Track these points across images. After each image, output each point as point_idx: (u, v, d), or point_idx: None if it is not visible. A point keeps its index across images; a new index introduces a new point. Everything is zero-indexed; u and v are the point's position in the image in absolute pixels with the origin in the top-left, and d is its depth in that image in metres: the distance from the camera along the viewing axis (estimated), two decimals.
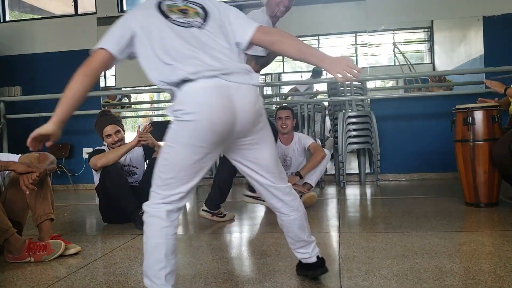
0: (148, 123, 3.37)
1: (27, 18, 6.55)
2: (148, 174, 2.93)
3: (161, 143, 3.22)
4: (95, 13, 5.83)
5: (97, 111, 5.64)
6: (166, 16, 1.52)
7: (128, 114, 7.06)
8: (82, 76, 1.48)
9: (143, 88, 6.50)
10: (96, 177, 3.27)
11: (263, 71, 3.05)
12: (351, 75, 1.48)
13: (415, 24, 6.37)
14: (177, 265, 1.66)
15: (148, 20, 1.51)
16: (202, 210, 3.16)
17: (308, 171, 3.61)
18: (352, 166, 5.54)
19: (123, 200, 3.04)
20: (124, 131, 3.37)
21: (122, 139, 3.27)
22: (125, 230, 3.04)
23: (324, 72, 8.76)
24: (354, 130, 4.66)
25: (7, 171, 2.45)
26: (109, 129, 3.23)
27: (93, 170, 3.27)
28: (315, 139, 4.10)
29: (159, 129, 4.63)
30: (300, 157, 3.82)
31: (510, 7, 4.95)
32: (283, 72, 8.76)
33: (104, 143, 3.36)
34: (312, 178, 3.63)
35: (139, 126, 3.34)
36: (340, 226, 2.89)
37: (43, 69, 5.82)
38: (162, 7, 1.54)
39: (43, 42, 5.85)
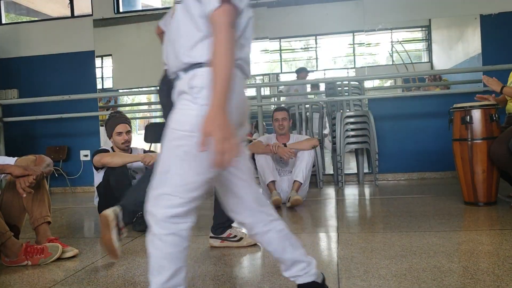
0: (146, 125, 3.40)
1: (23, 20, 6.53)
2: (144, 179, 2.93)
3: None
4: (91, 15, 5.80)
5: (93, 114, 5.69)
6: None
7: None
8: None
9: (140, 89, 6.48)
10: (97, 177, 3.30)
11: (261, 71, 2.95)
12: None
13: (413, 23, 6.35)
14: None
15: None
16: (210, 237, 2.56)
17: (294, 147, 3.73)
18: (351, 166, 5.53)
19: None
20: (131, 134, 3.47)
21: (130, 141, 3.38)
22: None
23: (321, 73, 8.77)
24: (352, 130, 4.65)
25: (3, 174, 2.43)
26: (121, 127, 3.33)
27: (94, 169, 3.31)
28: None
29: (156, 130, 4.64)
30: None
31: (508, 6, 4.96)
32: (281, 72, 8.75)
33: (110, 144, 3.44)
34: (299, 175, 3.62)
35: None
36: (339, 227, 2.88)
37: (40, 72, 5.80)
38: None
39: (39, 45, 5.84)
